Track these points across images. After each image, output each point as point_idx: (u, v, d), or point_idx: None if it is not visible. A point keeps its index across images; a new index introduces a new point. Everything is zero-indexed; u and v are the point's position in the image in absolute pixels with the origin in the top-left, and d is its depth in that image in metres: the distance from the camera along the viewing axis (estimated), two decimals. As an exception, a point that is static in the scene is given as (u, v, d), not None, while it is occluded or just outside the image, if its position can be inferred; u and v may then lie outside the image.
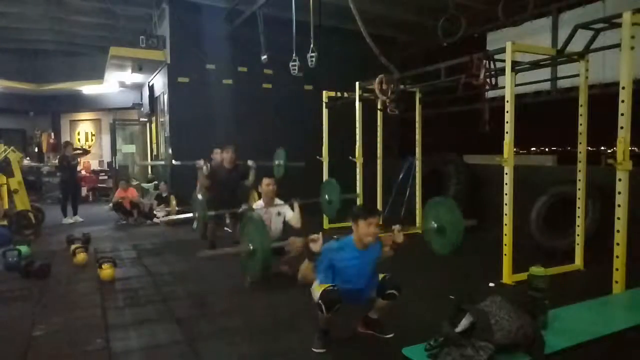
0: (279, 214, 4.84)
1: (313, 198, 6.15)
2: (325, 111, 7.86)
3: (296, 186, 5.81)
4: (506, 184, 4.54)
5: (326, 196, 6.21)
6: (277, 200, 4.94)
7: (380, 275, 3.16)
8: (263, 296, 4.30)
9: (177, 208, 7.52)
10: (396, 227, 3.14)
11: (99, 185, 12.88)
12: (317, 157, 7.76)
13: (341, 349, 3.11)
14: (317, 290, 3.00)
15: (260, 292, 4.40)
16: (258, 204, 4.89)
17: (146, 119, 11.99)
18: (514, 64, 4.61)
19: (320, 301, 2.91)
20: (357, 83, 7.17)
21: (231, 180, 5.95)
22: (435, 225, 3.70)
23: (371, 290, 3.14)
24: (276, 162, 6.87)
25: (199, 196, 5.51)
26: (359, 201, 6.90)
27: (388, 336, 3.18)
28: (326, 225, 7.58)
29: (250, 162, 6.14)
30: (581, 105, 4.81)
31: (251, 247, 3.34)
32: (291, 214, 4.86)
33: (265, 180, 4.90)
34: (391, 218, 7.91)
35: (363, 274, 3.07)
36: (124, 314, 3.86)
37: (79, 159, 9.28)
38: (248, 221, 3.60)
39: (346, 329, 3.32)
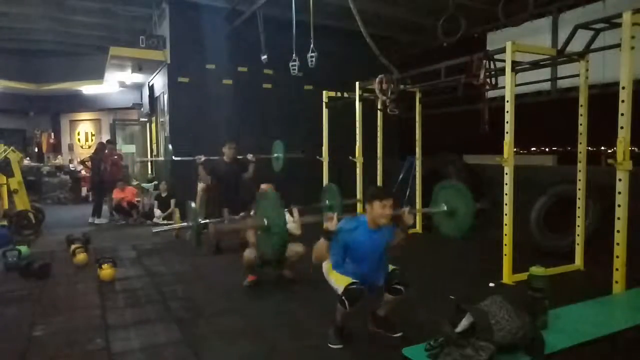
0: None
1: (313, 199, 6.04)
2: (325, 111, 7.86)
3: (296, 186, 5.82)
4: (506, 184, 4.54)
5: (327, 201, 6.17)
6: None
7: (391, 267, 3.20)
8: (263, 296, 4.30)
9: (181, 222, 7.43)
10: (405, 209, 3.20)
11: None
12: (317, 157, 7.77)
13: (340, 348, 3.11)
14: (334, 279, 3.11)
15: (261, 292, 4.41)
16: None
17: (146, 119, 11.99)
18: (514, 64, 4.61)
19: (343, 297, 3.00)
20: (357, 83, 7.17)
21: (231, 174, 5.98)
22: (446, 207, 3.60)
23: (380, 277, 3.18)
24: (275, 155, 6.82)
25: (192, 204, 5.46)
26: (359, 206, 6.86)
27: (397, 335, 3.20)
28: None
29: (249, 156, 6.15)
30: (581, 105, 4.81)
31: (266, 223, 3.29)
32: (291, 221, 4.80)
33: (264, 186, 4.80)
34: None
35: (374, 255, 3.13)
36: (124, 314, 3.86)
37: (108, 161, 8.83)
38: (262, 197, 3.50)
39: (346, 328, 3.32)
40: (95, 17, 9.89)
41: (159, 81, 9.96)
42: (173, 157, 6.42)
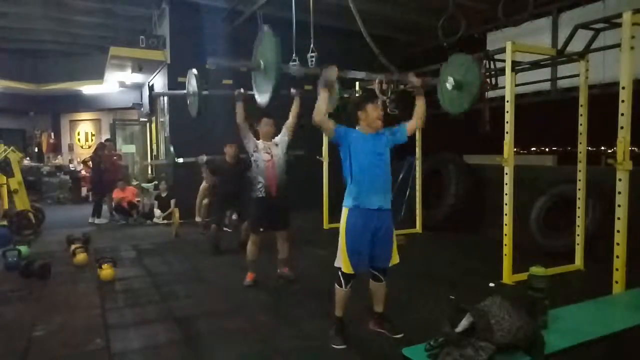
0: (276, 144, 4.84)
1: (313, 200, 5.98)
2: (325, 111, 7.84)
3: (296, 187, 5.80)
4: (506, 184, 4.54)
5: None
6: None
7: (393, 262, 3.18)
8: (263, 296, 4.30)
9: (180, 220, 7.45)
10: (410, 73, 3.34)
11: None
12: (317, 157, 7.76)
13: (340, 349, 3.11)
14: (340, 251, 3.07)
15: (260, 292, 4.41)
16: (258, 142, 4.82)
17: (146, 119, 11.99)
18: (514, 64, 4.61)
19: (340, 272, 3.09)
20: (357, 83, 7.16)
21: (235, 174, 5.97)
22: (453, 80, 3.60)
23: (388, 200, 3.14)
24: None
25: (194, 71, 5.41)
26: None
27: (398, 336, 3.19)
28: (326, 225, 7.58)
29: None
30: (581, 105, 4.81)
31: (262, 64, 3.24)
32: (285, 128, 4.88)
33: (265, 120, 4.83)
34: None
35: (378, 159, 3.10)
36: (124, 314, 3.86)
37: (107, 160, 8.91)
38: (262, 38, 3.39)
39: (347, 327, 3.32)
40: (95, 17, 9.89)
41: (159, 81, 9.95)
42: (176, 160, 6.39)
